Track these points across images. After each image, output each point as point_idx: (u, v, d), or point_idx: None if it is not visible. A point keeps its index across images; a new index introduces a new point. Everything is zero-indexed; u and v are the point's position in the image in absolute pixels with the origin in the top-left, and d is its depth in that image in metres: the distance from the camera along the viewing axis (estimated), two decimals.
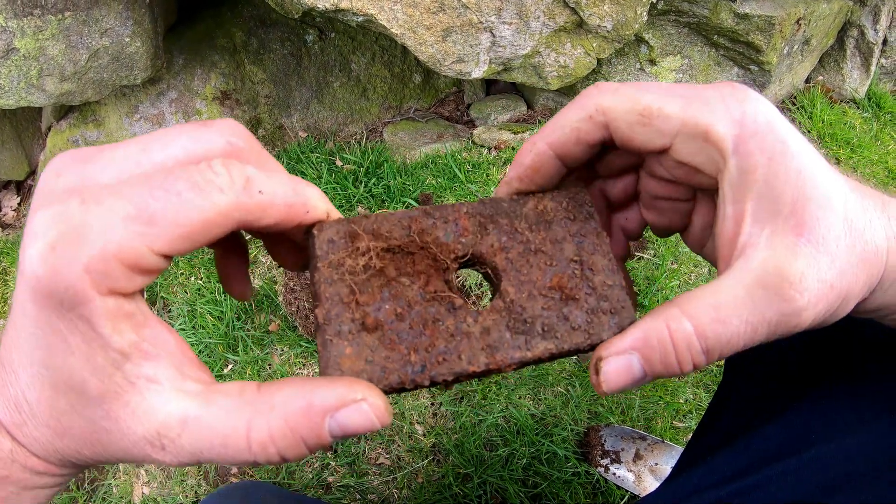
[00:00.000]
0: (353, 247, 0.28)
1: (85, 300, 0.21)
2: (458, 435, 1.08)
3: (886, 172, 1.65)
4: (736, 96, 0.27)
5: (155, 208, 0.21)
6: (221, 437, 0.22)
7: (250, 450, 0.22)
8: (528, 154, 0.32)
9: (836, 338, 0.44)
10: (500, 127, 1.58)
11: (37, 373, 0.23)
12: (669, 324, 0.26)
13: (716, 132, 0.27)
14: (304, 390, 0.23)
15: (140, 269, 0.22)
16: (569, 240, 0.31)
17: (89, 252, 0.20)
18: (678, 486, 0.48)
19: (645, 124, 0.28)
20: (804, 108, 1.72)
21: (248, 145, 0.26)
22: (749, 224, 0.27)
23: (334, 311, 0.26)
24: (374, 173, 1.44)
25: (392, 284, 0.28)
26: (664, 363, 0.26)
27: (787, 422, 0.43)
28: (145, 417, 0.23)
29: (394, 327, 0.27)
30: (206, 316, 1.22)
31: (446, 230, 0.30)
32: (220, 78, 1.53)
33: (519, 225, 0.31)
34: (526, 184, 0.33)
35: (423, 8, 1.21)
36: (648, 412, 1.12)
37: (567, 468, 1.03)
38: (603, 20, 1.33)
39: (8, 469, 0.24)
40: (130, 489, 1.07)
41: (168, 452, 0.23)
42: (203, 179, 0.22)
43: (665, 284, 1.28)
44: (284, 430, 0.22)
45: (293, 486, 1.05)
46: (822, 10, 1.53)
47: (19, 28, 1.18)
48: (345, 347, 0.26)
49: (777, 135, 0.26)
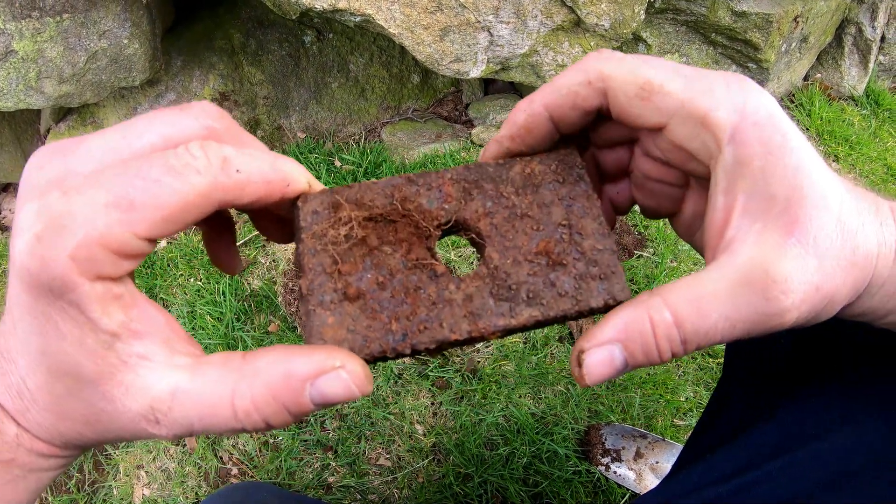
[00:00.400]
0: (335, 217, 0.28)
1: (73, 286, 0.21)
2: (459, 434, 1.08)
3: (885, 169, 1.65)
4: (740, 85, 0.27)
5: (134, 195, 0.22)
6: (209, 407, 0.23)
7: (236, 417, 0.23)
8: (522, 113, 0.31)
9: (831, 338, 0.44)
10: (498, 126, 1.58)
11: (34, 360, 0.23)
12: (651, 314, 0.26)
13: (715, 117, 0.26)
14: (284, 357, 0.23)
15: (124, 253, 0.22)
16: (557, 203, 0.30)
17: (73, 241, 0.21)
18: (678, 483, 0.48)
19: (644, 98, 0.27)
20: (803, 105, 1.72)
21: (224, 126, 0.26)
22: (739, 216, 0.26)
23: (317, 282, 0.26)
24: (373, 173, 1.44)
25: (374, 253, 0.27)
26: (645, 353, 0.26)
27: (785, 419, 0.44)
28: (139, 394, 0.23)
29: (375, 296, 0.27)
30: (206, 317, 1.22)
31: (429, 197, 0.29)
32: (218, 79, 1.53)
33: (505, 189, 0.30)
34: (517, 144, 0.32)
35: (421, 7, 1.21)
36: (649, 410, 1.12)
37: (568, 467, 1.03)
38: (600, 19, 1.33)
39: (13, 452, 0.25)
40: (131, 490, 1.07)
41: (162, 426, 0.23)
42: (180, 163, 0.23)
43: (665, 283, 1.28)
44: (266, 397, 0.23)
45: (293, 486, 1.05)
46: (819, 8, 1.53)
47: (17, 30, 1.18)
48: (327, 317, 0.26)
49: (777, 128, 0.26)
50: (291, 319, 1.18)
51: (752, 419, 0.47)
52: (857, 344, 0.42)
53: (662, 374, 1.16)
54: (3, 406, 0.25)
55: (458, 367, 1.15)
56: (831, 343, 0.44)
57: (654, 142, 0.30)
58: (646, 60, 0.28)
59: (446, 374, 1.14)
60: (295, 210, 0.28)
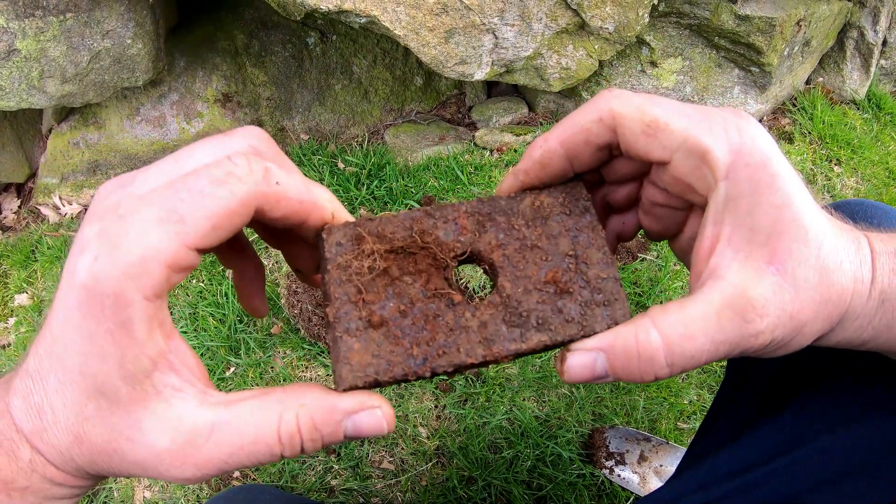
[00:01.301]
0: (358, 249, 0.30)
1: (127, 303, 0.23)
2: (463, 438, 1.07)
3: (887, 173, 1.65)
4: (738, 125, 0.29)
5: (183, 208, 0.24)
6: (252, 436, 0.25)
7: (280, 442, 0.25)
8: (539, 149, 0.33)
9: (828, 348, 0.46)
10: (501, 129, 1.58)
11: (68, 379, 0.24)
12: (638, 334, 0.28)
13: (713, 155, 0.28)
14: (329, 395, 0.27)
15: (177, 266, 0.24)
16: (564, 234, 0.32)
17: (128, 258, 0.23)
18: (682, 483, 0.48)
19: (650, 135, 0.30)
20: (805, 109, 1.72)
21: (267, 147, 0.28)
22: (723, 245, 0.28)
23: (343, 310, 0.29)
24: (376, 175, 1.44)
25: (395, 283, 0.30)
26: (625, 369, 0.28)
27: (788, 419, 0.44)
28: (170, 425, 0.24)
29: (397, 323, 0.29)
30: (208, 319, 1.21)
31: (446, 229, 0.32)
32: (221, 80, 1.53)
33: (516, 222, 0.33)
34: (532, 178, 0.34)
35: (426, 10, 1.21)
36: (653, 413, 1.11)
37: (572, 470, 1.03)
38: (605, 22, 1.34)
39: (28, 479, 0.25)
40: (132, 493, 1.07)
41: (188, 466, 0.24)
42: (223, 173, 0.25)
43: (668, 286, 1.28)
44: (310, 425, 0.26)
45: (296, 489, 1.04)
46: (822, 12, 1.53)
47: (20, 29, 1.18)
48: (353, 343, 0.28)
49: (768, 168, 0.28)
50: (294, 322, 1.18)
51: (755, 420, 0.48)
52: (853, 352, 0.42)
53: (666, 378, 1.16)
54: (21, 429, 0.25)
55: None
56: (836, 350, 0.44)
57: (659, 174, 0.33)
58: (652, 99, 0.30)
59: (450, 378, 1.13)
60: (319, 241, 0.30)
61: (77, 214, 1.51)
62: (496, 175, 1.45)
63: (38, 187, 1.53)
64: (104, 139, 1.52)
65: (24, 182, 1.60)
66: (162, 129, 1.53)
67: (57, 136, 1.51)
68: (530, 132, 1.55)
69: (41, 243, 1.43)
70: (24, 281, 1.39)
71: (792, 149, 1.64)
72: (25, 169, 1.56)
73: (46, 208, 1.52)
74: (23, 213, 1.55)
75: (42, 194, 1.52)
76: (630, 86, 1.59)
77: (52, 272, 1.38)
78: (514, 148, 1.51)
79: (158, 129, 1.53)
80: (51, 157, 1.51)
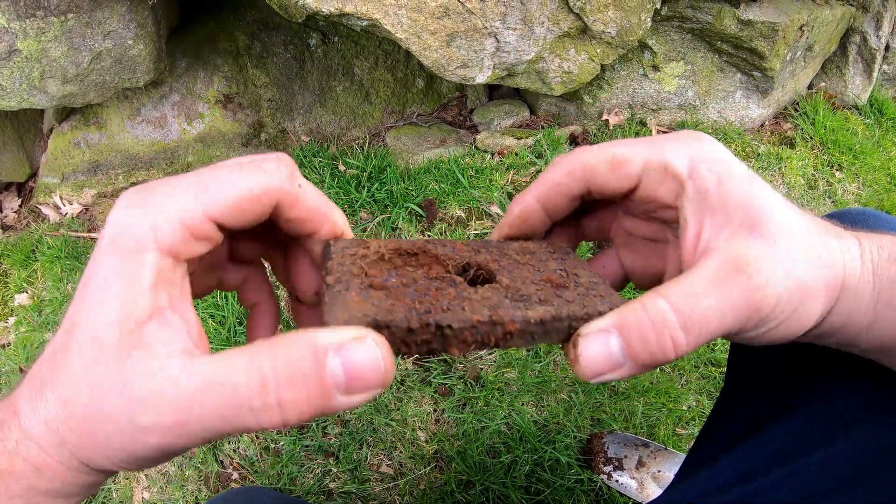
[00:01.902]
0: (364, 248, 0.32)
1: (143, 249, 0.24)
2: (461, 442, 1.07)
3: (889, 179, 1.65)
4: (690, 138, 0.33)
5: (209, 182, 0.26)
6: (229, 385, 0.23)
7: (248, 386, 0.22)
8: (517, 206, 0.37)
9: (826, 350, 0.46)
10: (503, 132, 1.57)
11: (71, 327, 0.25)
12: (645, 303, 0.28)
13: (673, 165, 0.32)
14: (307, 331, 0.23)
15: (195, 230, 0.26)
16: (552, 260, 0.36)
17: (155, 214, 0.25)
18: (683, 490, 0.48)
19: (615, 169, 0.33)
20: (807, 114, 1.72)
21: (294, 169, 0.30)
22: (707, 232, 0.31)
23: (344, 278, 0.28)
24: (376, 178, 1.44)
25: (399, 270, 0.31)
26: (643, 343, 0.28)
27: (791, 425, 0.44)
28: (152, 374, 0.23)
29: (399, 290, 0.28)
30: (208, 321, 1.21)
31: (445, 250, 0.34)
32: (222, 81, 1.53)
33: (507, 251, 0.36)
34: (514, 231, 0.38)
35: (428, 13, 1.21)
36: (651, 419, 1.11)
37: (570, 475, 1.03)
38: (607, 26, 1.33)
39: (11, 463, 0.25)
40: (130, 494, 1.07)
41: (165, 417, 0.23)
42: (253, 167, 0.27)
43: None
44: (286, 360, 0.23)
45: (294, 492, 1.04)
46: (825, 17, 1.53)
47: (22, 29, 1.18)
48: (352, 295, 0.27)
49: (723, 163, 0.31)
50: (294, 326, 1.18)
51: (756, 427, 0.48)
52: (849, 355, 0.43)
53: (665, 383, 1.16)
54: (18, 409, 0.25)
55: (461, 374, 1.14)
56: (831, 354, 0.45)
57: (631, 205, 0.36)
58: (612, 143, 0.34)
59: (449, 381, 1.13)
60: (326, 249, 0.32)
61: (77, 214, 1.51)
62: (497, 178, 1.44)
63: (39, 187, 1.53)
64: (105, 139, 1.52)
65: (24, 181, 1.60)
66: (163, 130, 1.54)
67: (58, 135, 1.51)
68: (532, 135, 1.55)
69: (41, 243, 1.43)
70: (24, 280, 1.39)
71: (793, 154, 1.63)
72: (26, 168, 1.56)
73: (47, 208, 1.52)
74: (23, 213, 1.55)
75: (43, 194, 1.52)
76: (632, 90, 1.59)
77: (52, 272, 1.38)
78: (515, 151, 1.51)
79: (159, 129, 1.53)
80: (52, 157, 1.51)
